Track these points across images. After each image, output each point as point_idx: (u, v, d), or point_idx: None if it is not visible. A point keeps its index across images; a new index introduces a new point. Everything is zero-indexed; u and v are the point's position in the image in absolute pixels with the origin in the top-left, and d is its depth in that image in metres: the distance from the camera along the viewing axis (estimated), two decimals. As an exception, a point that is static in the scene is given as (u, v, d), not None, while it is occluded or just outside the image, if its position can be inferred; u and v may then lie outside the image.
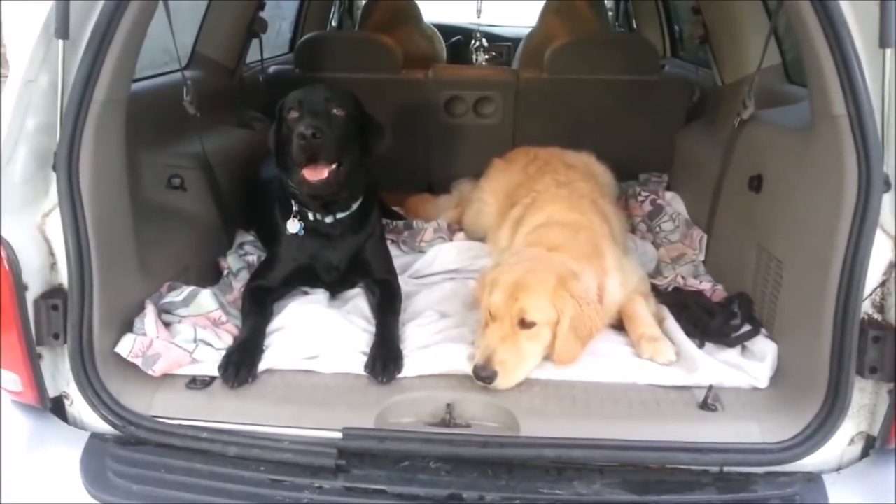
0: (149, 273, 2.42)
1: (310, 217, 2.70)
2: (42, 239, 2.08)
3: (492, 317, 2.31)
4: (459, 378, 2.25)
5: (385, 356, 2.29)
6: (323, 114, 2.51)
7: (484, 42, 5.86)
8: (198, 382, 2.22)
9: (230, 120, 3.66)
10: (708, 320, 2.46)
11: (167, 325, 2.34)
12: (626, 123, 4.02)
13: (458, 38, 6.33)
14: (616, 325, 2.55)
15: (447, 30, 6.19)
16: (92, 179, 2.08)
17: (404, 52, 4.26)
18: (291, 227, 2.70)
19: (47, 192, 2.08)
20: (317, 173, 2.49)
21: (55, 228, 2.07)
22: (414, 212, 3.80)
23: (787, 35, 3.15)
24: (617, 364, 2.32)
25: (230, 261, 2.93)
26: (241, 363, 2.23)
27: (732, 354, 2.34)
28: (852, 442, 2.01)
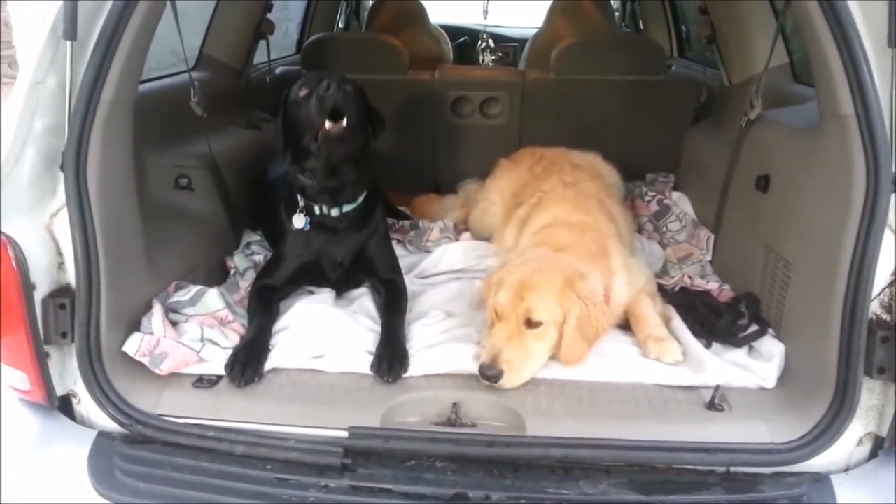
0: (156, 272, 2.43)
1: (316, 211, 2.71)
2: (50, 238, 2.09)
3: (498, 316, 2.31)
4: (465, 378, 2.25)
5: (391, 356, 2.30)
6: (337, 83, 2.55)
7: (490, 43, 5.85)
8: (204, 381, 2.22)
9: (237, 121, 3.67)
10: (715, 320, 2.46)
11: (174, 325, 2.34)
12: (633, 124, 4.00)
13: (465, 39, 6.33)
14: (623, 325, 2.54)
15: (454, 31, 6.20)
16: (99, 180, 2.09)
17: (411, 53, 4.26)
18: (297, 222, 2.71)
19: (55, 193, 2.09)
20: (336, 125, 2.52)
21: (63, 228, 2.08)
22: (420, 212, 3.81)
23: (795, 35, 3.13)
24: (623, 364, 2.31)
25: (237, 260, 2.94)
26: (248, 362, 2.24)
27: (739, 354, 2.33)
28: (860, 442, 2.00)
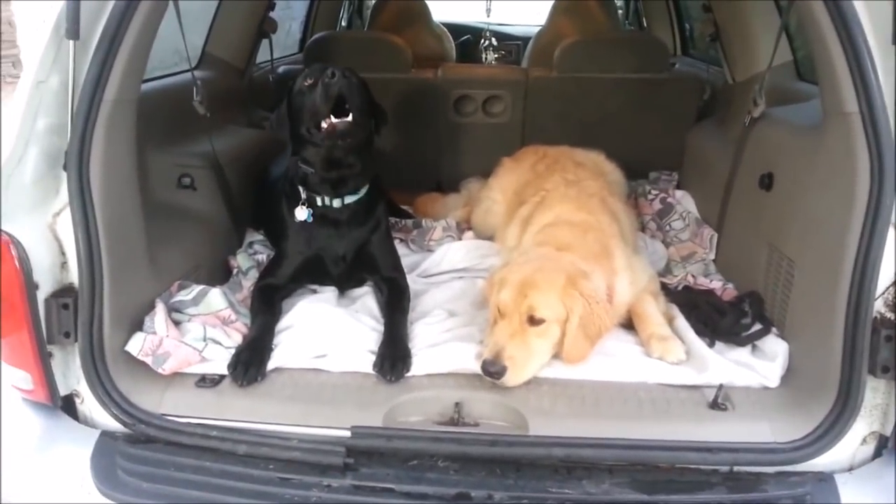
0: (159, 272, 2.43)
1: (318, 203, 2.72)
2: (53, 238, 2.09)
3: (500, 314, 2.30)
4: (468, 377, 2.25)
5: (393, 355, 2.30)
6: (342, 71, 2.58)
7: (493, 41, 5.85)
8: (207, 381, 2.23)
9: (240, 120, 3.68)
10: (718, 319, 2.45)
11: (177, 324, 2.34)
12: (637, 122, 3.99)
13: (468, 38, 6.32)
14: (626, 325, 2.54)
15: (457, 29, 6.19)
16: (102, 179, 2.09)
17: (414, 52, 4.26)
18: (300, 215, 2.71)
19: (58, 192, 2.10)
20: (341, 117, 2.54)
21: (66, 228, 2.08)
22: (423, 211, 3.80)
23: (798, 32, 3.12)
24: (626, 363, 2.30)
25: (240, 260, 2.94)
26: (251, 362, 2.24)
27: (743, 354, 2.32)
28: (864, 442, 1.99)
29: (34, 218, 2.07)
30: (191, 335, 2.31)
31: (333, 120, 2.54)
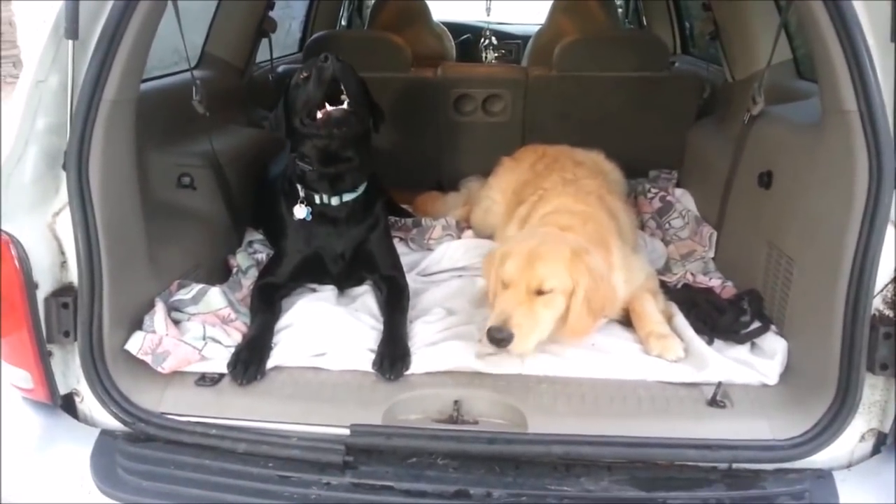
0: (158, 271, 2.43)
1: (316, 200, 2.72)
2: (52, 237, 2.09)
3: (505, 285, 2.27)
4: (467, 375, 2.25)
5: (393, 353, 2.30)
6: (335, 56, 2.57)
7: (493, 40, 5.84)
8: (207, 380, 2.23)
9: (240, 119, 3.68)
10: (717, 317, 2.45)
11: (176, 323, 2.35)
12: (636, 120, 3.99)
13: (468, 37, 6.32)
14: (625, 322, 2.54)
15: (456, 28, 6.19)
16: (102, 178, 2.10)
17: (414, 51, 4.25)
18: (299, 213, 2.72)
19: (57, 192, 2.10)
20: (337, 107, 2.53)
21: (65, 227, 2.08)
22: (423, 210, 3.80)
23: (798, 31, 3.12)
24: (625, 361, 2.30)
25: (239, 259, 2.94)
26: (250, 360, 2.24)
27: (742, 351, 2.32)
28: (863, 439, 1.99)
29: (34, 217, 2.07)
30: (190, 334, 2.31)
31: (328, 108, 2.54)
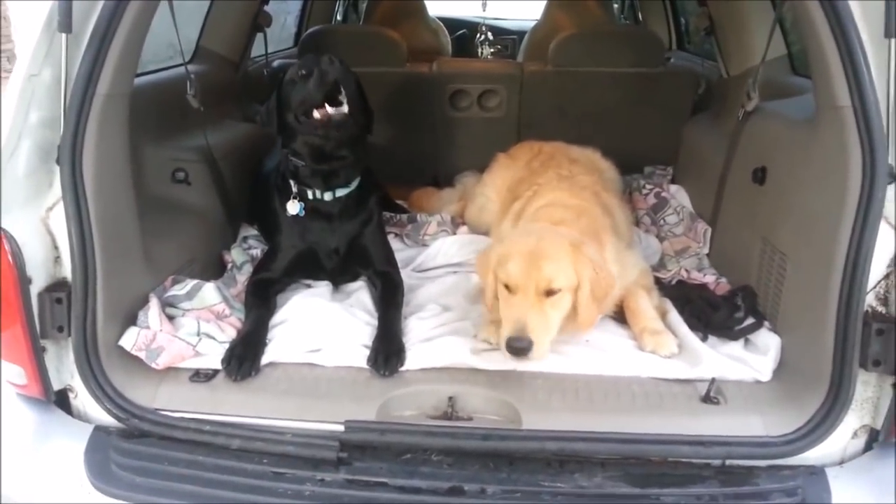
0: (153, 266, 2.43)
1: (309, 196, 2.71)
2: (46, 232, 2.09)
3: (511, 289, 2.23)
4: (462, 371, 2.25)
5: (387, 349, 2.30)
6: (338, 59, 2.58)
7: (489, 35, 5.84)
8: (201, 375, 2.22)
9: (235, 114, 3.67)
10: (711, 313, 2.45)
11: (171, 319, 2.35)
12: (632, 116, 3.99)
13: (464, 32, 6.32)
14: (619, 319, 2.54)
15: (453, 23, 6.18)
16: (95, 173, 2.09)
17: (410, 46, 4.24)
18: (292, 209, 2.71)
19: (51, 186, 2.09)
20: (336, 109, 2.54)
21: (59, 222, 2.08)
22: (418, 205, 3.80)
23: (793, 27, 3.12)
24: (619, 357, 2.31)
25: (234, 254, 2.94)
26: (245, 356, 2.24)
27: (735, 347, 2.33)
28: (855, 435, 2.00)
29: (27, 212, 2.06)
30: (184, 330, 2.31)
31: (329, 110, 2.53)
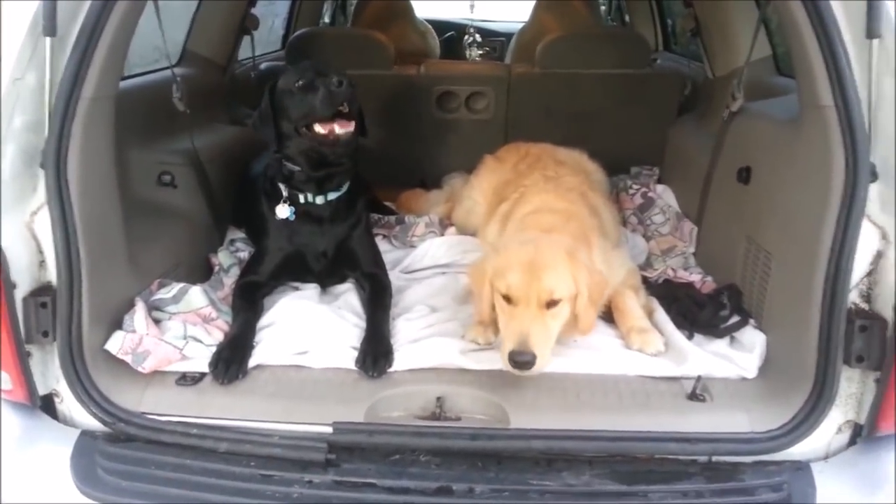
0: (139, 270, 2.42)
1: (301, 199, 2.71)
2: (30, 237, 2.07)
3: (513, 301, 2.21)
4: (450, 371, 2.25)
5: (375, 351, 2.30)
6: (348, 79, 2.55)
7: (477, 37, 5.86)
8: (188, 379, 2.21)
9: (222, 117, 3.66)
10: (697, 312, 2.47)
11: (157, 322, 2.34)
12: (618, 117, 4.01)
13: (452, 34, 6.33)
14: (606, 318, 2.55)
15: (441, 26, 6.19)
16: (80, 177, 2.08)
17: (398, 49, 4.25)
18: (282, 213, 2.70)
19: (35, 190, 2.08)
20: (346, 125, 2.55)
21: (44, 226, 2.06)
22: (406, 207, 3.80)
23: (778, 28, 3.15)
24: (607, 356, 2.32)
25: (221, 257, 2.93)
26: (232, 359, 2.23)
27: (721, 345, 2.35)
28: (840, 430, 2.02)
29: (11, 216, 2.04)
30: (171, 333, 2.30)
31: (337, 130, 2.54)
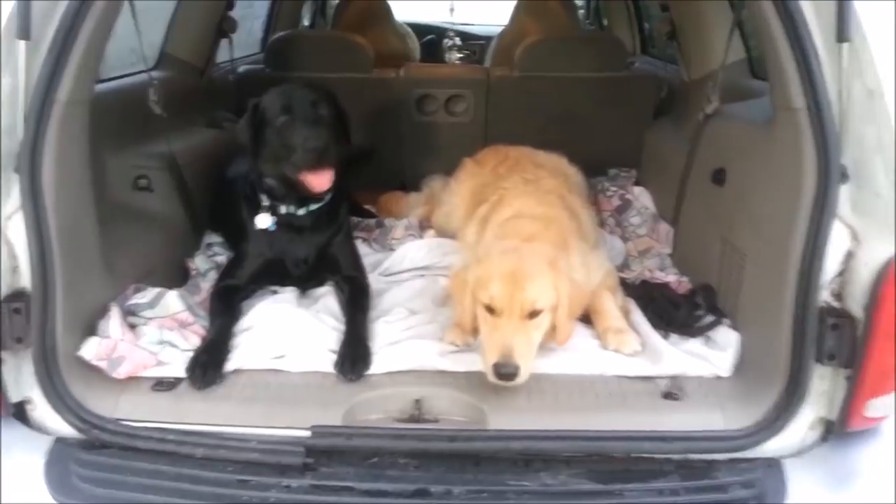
0: (114, 275, 2.40)
1: (282, 210, 2.70)
2: (4, 242, 2.04)
3: (495, 311, 2.20)
4: (428, 374, 2.25)
5: (354, 354, 2.29)
6: (316, 119, 2.55)
7: (457, 41, 5.87)
8: (164, 384, 2.19)
9: (200, 120, 3.64)
10: (673, 312, 2.50)
11: (133, 328, 2.32)
12: (596, 120, 4.04)
13: (432, 37, 6.34)
14: (583, 319, 2.56)
15: (421, 29, 6.21)
16: (55, 181, 2.06)
17: (378, 52, 4.26)
18: (262, 223, 2.69)
19: (9, 195, 2.05)
20: (322, 181, 2.56)
21: (18, 231, 2.04)
22: (386, 210, 3.80)
23: (753, 31, 3.19)
24: (584, 356, 2.33)
25: (198, 261, 2.91)
26: (209, 364, 2.22)
27: (696, 344, 2.37)
28: (812, 427, 2.04)
29: (-16, 221, 2.03)
30: (146, 338, 2.29)
31: (313, 184, 2.54)
